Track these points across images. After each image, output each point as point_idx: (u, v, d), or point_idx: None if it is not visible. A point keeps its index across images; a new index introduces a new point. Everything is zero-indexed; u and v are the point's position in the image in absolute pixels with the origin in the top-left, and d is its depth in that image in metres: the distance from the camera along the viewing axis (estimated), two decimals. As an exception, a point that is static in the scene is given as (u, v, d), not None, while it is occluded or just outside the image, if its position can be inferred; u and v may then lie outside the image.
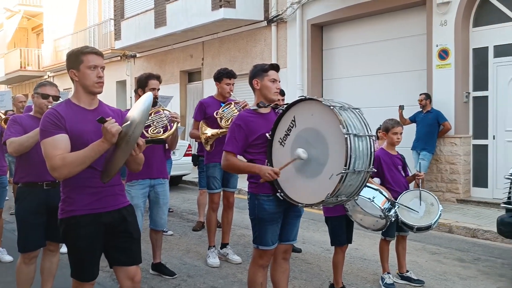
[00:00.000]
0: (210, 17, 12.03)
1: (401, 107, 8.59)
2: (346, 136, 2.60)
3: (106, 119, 2.43)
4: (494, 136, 8.29)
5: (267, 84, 3.28)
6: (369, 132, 2.78)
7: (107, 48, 17.38)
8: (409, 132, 8.38)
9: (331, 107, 2.71)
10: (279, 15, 11.59)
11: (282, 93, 5.51)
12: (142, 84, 4.56)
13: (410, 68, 9.37)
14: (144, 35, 14.59)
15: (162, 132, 4.29)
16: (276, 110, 3.30)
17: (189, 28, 12.88)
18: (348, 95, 10.29)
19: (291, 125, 2.97)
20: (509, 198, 4.66)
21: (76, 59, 2.65)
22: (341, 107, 2.78)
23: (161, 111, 4.39)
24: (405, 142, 8.45)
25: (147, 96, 2.49)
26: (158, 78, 4.65)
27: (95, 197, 2.66)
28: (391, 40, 9.70)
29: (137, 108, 2.49)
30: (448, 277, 4.83)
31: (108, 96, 17.04)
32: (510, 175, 4.64)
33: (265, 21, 11.96)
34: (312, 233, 6.60)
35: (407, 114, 8.59)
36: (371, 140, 2.77)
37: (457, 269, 5.09)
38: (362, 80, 10.22)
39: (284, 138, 3.01)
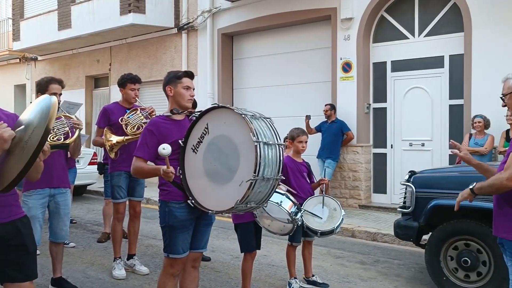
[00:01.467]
0: (118, 21, 11.69)
1: (308, 117, 8.91)
2: (256, 144, 2.64)
3: None
4: (392, 145, 8.89)
5: (180, 91, 3.26)
6: (279, 140, 2.85)
7: (4, 49, 16.25)
8: (315, 141, 8.72)
9: (243, 115, 2.74)
10: (189, 23, 11.55)
11: (194, 104, 5.47)
12: (42, 88, 4.30)
13: (316, 79, 9.78)
14: (46, 37, 13.80)
15: (63, 139, 4.05)
16: (190, 117, 3.28)
17: (96, 32, 12.42)
18: (257, 104, 10.48)
19: (204, 132, 2.97)
20: (404, 202, 4.98)
21: None
22: (252, 115, 2.83)
23: (63, 117, 4.16)
24: (311, 150, 8.79)
25: (42, 98, 2.32)
26: (60, 82, 4.41)
27: None
28: (298, 52, 10.05)
29: (31, 111, 2.32)
30: (350, 279, 5.06)
31: (5, 100, 15.93)
32: (405, 181, 4.97)
33: (176, 28, 11.85)
34: (222, 241, 6.60)
35: (313, 124, 8.93)
36: (280, 148, 2.84)
37: (358, 271, 5.35)
38: (271, 90, 10.48)
39: (197, 146, 3.00)
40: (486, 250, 4.34)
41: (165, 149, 2.79)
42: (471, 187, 2.88)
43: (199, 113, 3.02)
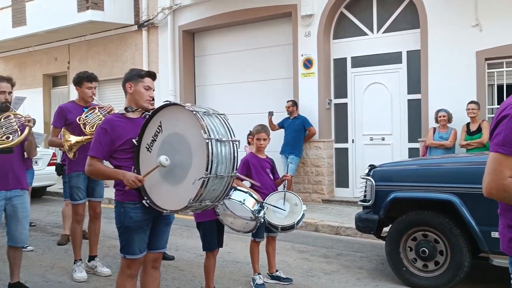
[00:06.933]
0: (76, 18, 11.39)
1: (271, 113, 8.94)
2: (207, 141, 2.62)
3: None
4: (353, 140, 9.02)
5: (140, 90, 3.19)
6: (233, 137, 2.83)
7: (-44, 48, 15.58)
8: (278, 137, 8.77)
9: (194, 113, 2.71)
10: (150, 20, 11.38)
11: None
12: None
13: (278, 76, 9.81)
14: (0, 35, 13.33)
15: (11, 138, 3.92)
16: (143, 115, 3.22)
17: (53, 29, 12.07)
18: (220, 101, 10.45)
19: (158, 130, 2.93)
20: (365, 196, 5.07)
21: None
22: (205, 112, 2.80)
23: (12, 115, 4.02)
24: (275, 146, 8.83)
25: None
26: (9, 80, 4.26)
27: None
28: (260, 49, 10.06)
29: None
30: (314, 273, 5.11)
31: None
32: (365, 175, 5.05)
33: (136, 26, 11.66)
34: (186, 240, 6.56)
35: (276, 120, 8.97)
36: (235, 145, 2.83)
37: (322, 265, 5.41)
38: (233, 87, 10.46)
39: (151, 144, 2.96)
40: (443, 240, 4.46)
41: (167, 160, 2.78)
42: None
43: (152, 111, 2.98)
